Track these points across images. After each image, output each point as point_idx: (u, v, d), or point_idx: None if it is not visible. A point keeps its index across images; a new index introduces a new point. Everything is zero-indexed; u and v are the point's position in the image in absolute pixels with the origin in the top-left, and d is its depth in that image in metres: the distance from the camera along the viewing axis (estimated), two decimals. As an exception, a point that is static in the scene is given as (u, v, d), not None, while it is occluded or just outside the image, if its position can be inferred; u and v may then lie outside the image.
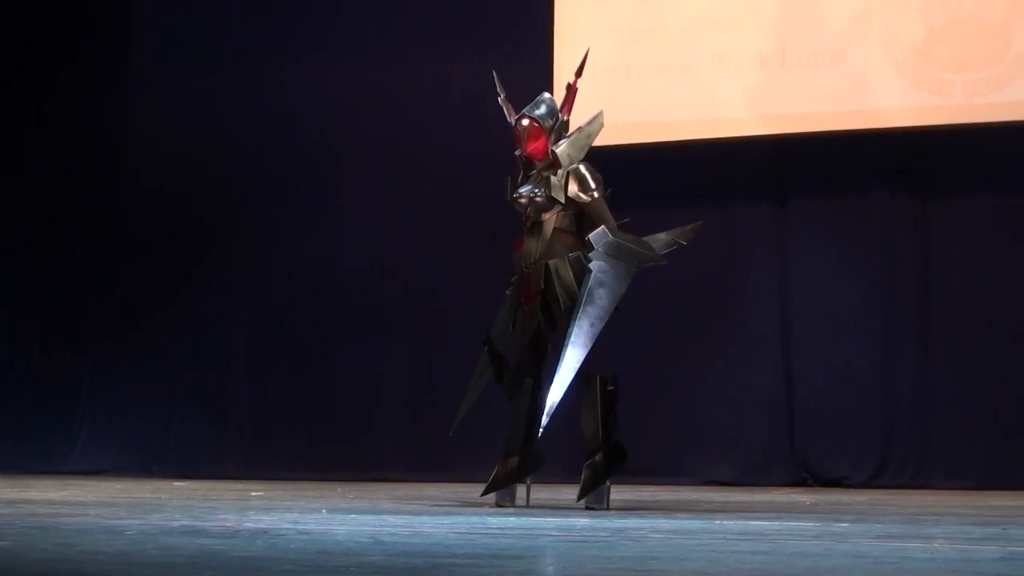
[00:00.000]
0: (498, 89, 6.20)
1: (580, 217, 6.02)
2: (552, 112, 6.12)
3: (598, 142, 6.19)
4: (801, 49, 9.00)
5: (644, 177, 9.31)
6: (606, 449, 5.86)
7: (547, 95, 6.26)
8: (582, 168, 6.02)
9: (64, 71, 11.11)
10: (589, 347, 5.73)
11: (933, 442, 8.78)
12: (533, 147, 6.07)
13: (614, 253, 5.86)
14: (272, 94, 10.42)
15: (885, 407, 8.91)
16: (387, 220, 10.00)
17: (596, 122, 6.13)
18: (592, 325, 5.75)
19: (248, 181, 10.47)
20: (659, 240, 6.05)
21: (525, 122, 6.07)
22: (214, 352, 10.48)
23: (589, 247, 5.89)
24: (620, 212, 6.07)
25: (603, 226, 5.91)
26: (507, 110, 6.17)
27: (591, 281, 5.81)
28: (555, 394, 5.67)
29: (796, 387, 9.08)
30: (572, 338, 5.72)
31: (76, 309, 10.86)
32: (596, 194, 5.98)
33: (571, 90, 6.15)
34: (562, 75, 9.08)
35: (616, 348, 9.03)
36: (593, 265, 5.84)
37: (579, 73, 6.16)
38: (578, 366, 5.71)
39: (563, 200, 5.98)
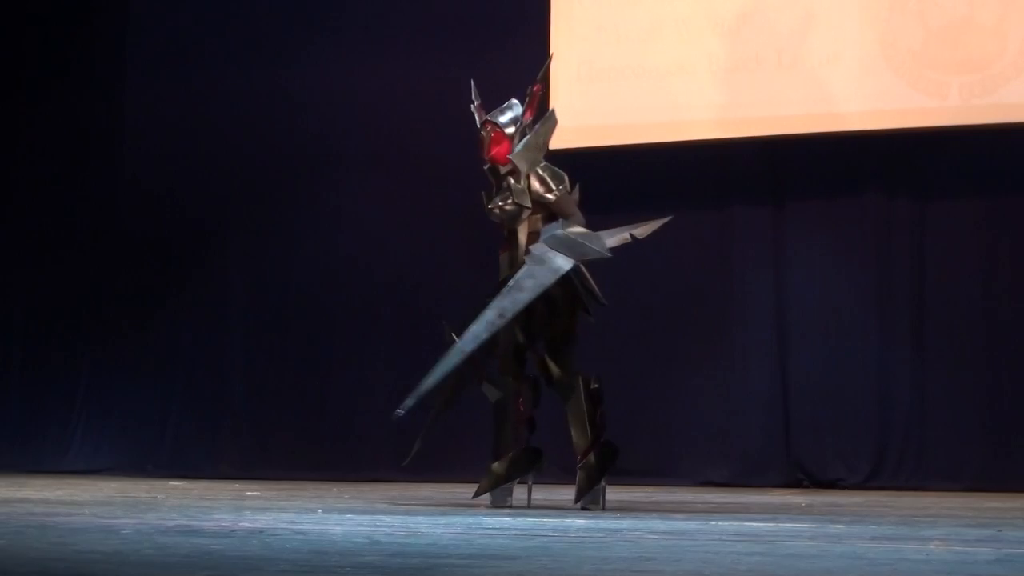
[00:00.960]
0: (473, 96, 6.23)
1: (551, 219, 6.02)
2: (516, 118, 6.15)
3: (595, 143, 6.21)
4: (797, 50, 8.98)
5: (640, 179, 9.31)
6: (597, 449, 5.86)
7: (515, 101, 6.29)
8: (540, 168, 6.04)
9: (60, 71, 11.08)
10: (485, 336, 5.70)
11: (929, 444, 8.76)
12: (495, 151, 6.11)
13: (554, 245, 5.86)
14: (268, 94, 10.40)
15: (881, 408, 8.90)
16: (384, 221, 10.00)
17: (549, 121, 6.16)
18: (500, 316, 5.73)
19: (244, 181, 10.46)
20: (617, 235, 6.05)
21: (488, 127, 6.11)
22: (210, 352, 10.47)
23: None
24: (616, 215, 6.08)
25: (559, 220, 5.92)
26: (478, 117, 6.21)
27: (521, 272, 5.82)
28: (432, 376, 5.70)
29: (791, 388, 9.07)
30: (474, 324, 5.73)
31: (72, 308, 10.84)
32: (558, 192, 5.99)
33: (533, 95, 6.18)
34: (559, 76, 9.08)
35: (611, 348, 9.09)
36: (528, 257, 5.85)
37: (541, 79, 6.21)
38: (465, 352, 5.71)
39: (529, 204, 6.00)
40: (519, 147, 6.04)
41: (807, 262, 9.16)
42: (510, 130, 6.09)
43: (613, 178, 9.25)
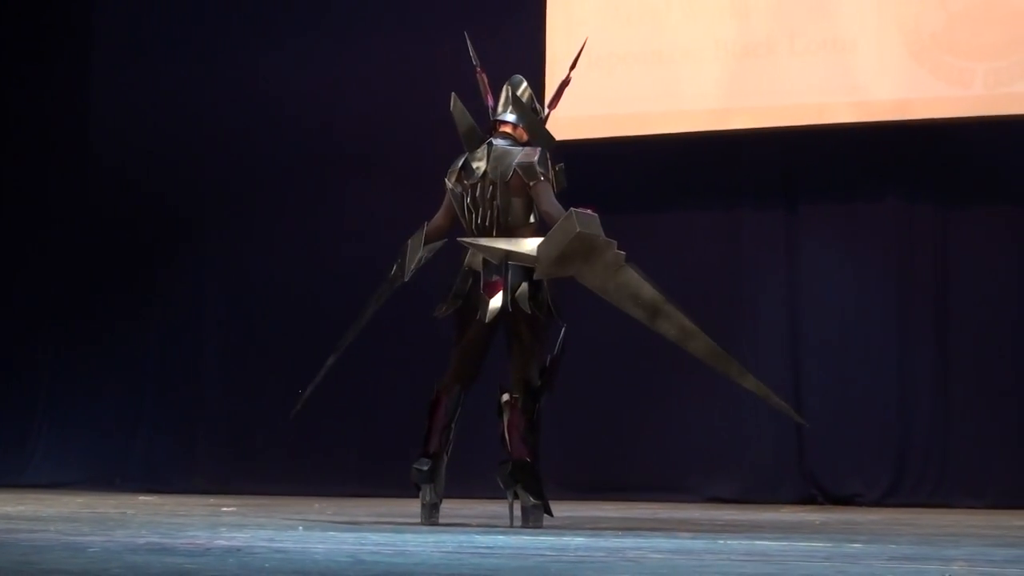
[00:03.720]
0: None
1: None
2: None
3: (592, 134, 6.24)
4: (811, 35, 8.96)
5: (641, 174, 9.31)
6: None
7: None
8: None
9: (23, 60, 11.04)
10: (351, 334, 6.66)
11: (951, 458, 8.77)
12: None
13: None
14: (249, 81, 10.38)
15: (900, 420, 8.90)
16: (376, 217, 9.91)
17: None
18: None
19: (222, 175, 10.43)
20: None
21: None
22: (184, 356, 10.44)
23: None
24: (613, 213, 6.08)
25: None
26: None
27: None
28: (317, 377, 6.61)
29: (805, 399, 9.05)
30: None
31: (32, 308, 10.81)
32: None
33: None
34: (555, 62, 9.08)
35: (611, 357, 9.08)
36: None
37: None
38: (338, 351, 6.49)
39: None
40: None
41: (822, 265, 9.15)
42: None
43: (611, 172, 9.24)
